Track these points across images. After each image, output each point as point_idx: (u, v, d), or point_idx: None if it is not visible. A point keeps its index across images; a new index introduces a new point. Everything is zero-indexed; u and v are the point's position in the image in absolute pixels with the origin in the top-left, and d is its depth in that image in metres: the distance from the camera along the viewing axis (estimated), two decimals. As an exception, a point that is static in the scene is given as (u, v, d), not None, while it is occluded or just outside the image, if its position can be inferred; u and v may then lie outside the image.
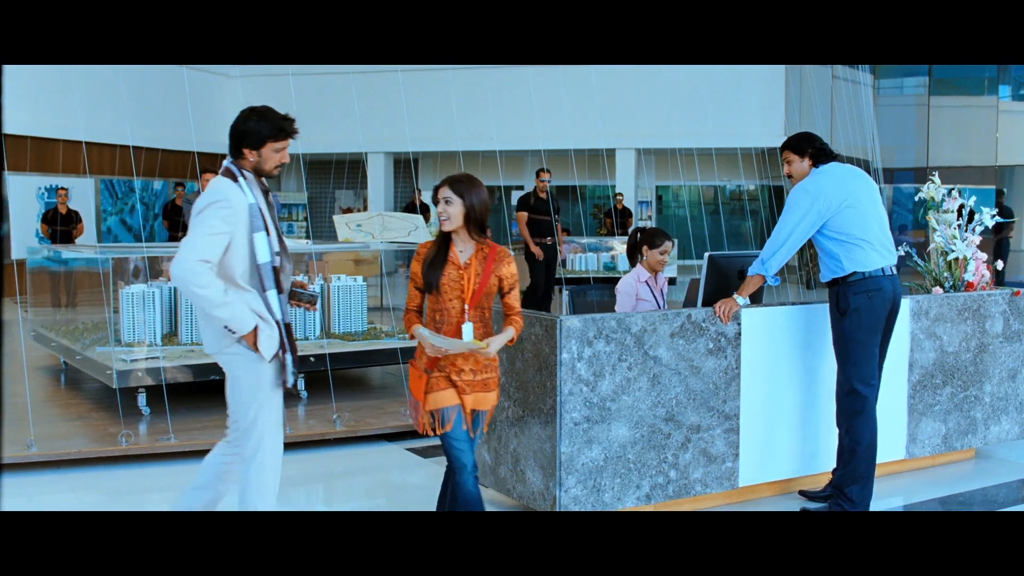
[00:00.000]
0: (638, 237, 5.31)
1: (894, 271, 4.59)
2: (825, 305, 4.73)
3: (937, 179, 5.61)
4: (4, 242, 12.48)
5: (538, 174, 10.15)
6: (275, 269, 3.52)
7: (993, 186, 16.00)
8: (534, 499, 4.35)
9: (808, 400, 4.85)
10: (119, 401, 6.11)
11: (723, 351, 4.54)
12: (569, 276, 13.26)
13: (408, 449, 5.93)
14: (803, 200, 4.49)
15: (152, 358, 6.50)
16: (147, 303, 6.91)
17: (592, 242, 15.61)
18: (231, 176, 3.50)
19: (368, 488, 5.55)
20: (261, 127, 3.50)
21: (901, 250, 5.63)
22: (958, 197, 5.58)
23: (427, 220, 15.69)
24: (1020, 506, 4.93)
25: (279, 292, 3.54)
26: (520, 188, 21.03)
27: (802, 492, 4.93)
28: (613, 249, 14.89)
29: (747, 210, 20.67)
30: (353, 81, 14.69)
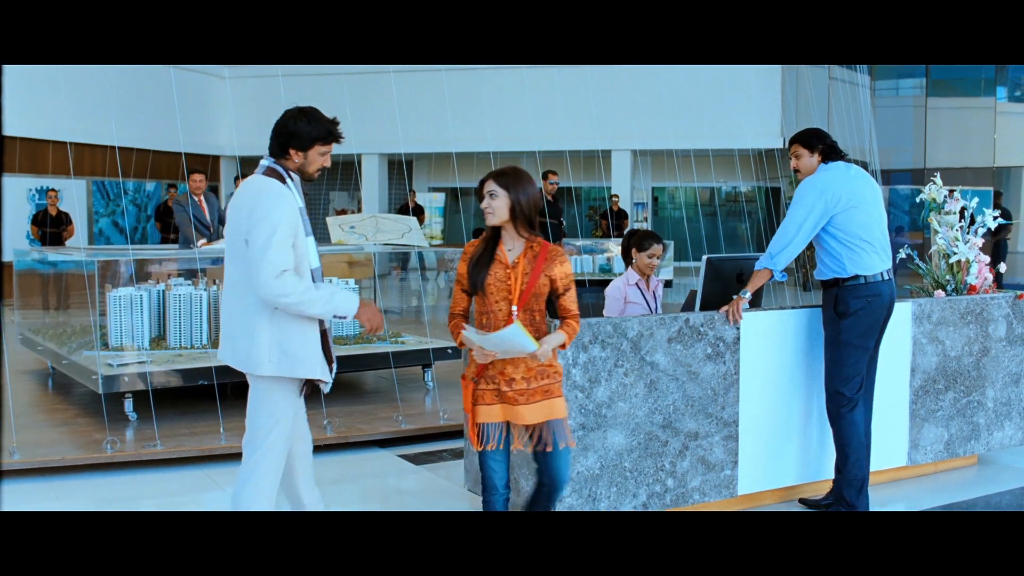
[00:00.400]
0: (630, 240, 5.22)
1: (891, 275, 4.54)
2: (825, 308, 4.64)
3: (939, 180, 5.51)
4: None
5: (546, 176, 9.89)
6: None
7: (991, 187, 15.93)
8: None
9: (809, 406, 4.75)
10: (104, 407, 5.98)
11: (721, 356, 4.43)
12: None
13: (400, 456, 5.82)
14: (810, 193, 4.42)
15: (139, 362, 6.38)
16: (135, 306, 6.80)
17: (588, 244, 15.49)
18: (278, 177, 3.40)
19: (361, 494, 5.43)
20: (311, 129, 3.41)
21: (903, 252, 5.56)
22: (960, 199, 5.48)
23: (421, 222, 15.60)
24: (1025, 514, 4.83)
25: None
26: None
27: (802, 500, 4.83)
28: (609, 251, 14.77)
29: (744, 212, 20.59)
30: (345, 82, 14.58)
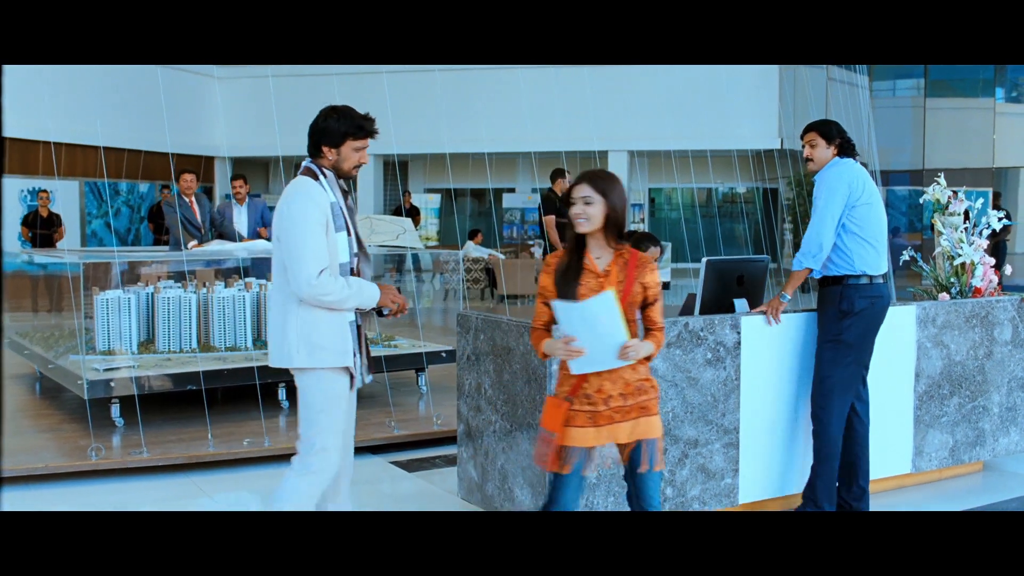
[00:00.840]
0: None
1: (887, 277, 4.50)
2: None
3: (943, 180, 5.40)
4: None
5: (562, 174, 9.28)
6: (352, 271, 3.54)
7: (990, 188, 15.85)
8: (523, 519, 4.11)
9: (812, 412, 4.62)
10: (89, 413, 5.84)
11: (722, 361, 4.31)
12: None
13: (392, 463, 5.70)
14: (832, 180, 4.35)
15: (126, 367, 6.24)
16: (122, 309, 6.66)
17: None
18: (311, 175, 3.52)
19: (354, 502, 5.29)
20: (341, 125, 3.50)
21: (906, 254, 5.46)
22: (963, 200, 5.37)
23: (416, 224, 15.45)
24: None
25: None
26: (512, 191, 20.84)
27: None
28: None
29: (742, 213, 20.49)
30: (338, 83, 14.42)
